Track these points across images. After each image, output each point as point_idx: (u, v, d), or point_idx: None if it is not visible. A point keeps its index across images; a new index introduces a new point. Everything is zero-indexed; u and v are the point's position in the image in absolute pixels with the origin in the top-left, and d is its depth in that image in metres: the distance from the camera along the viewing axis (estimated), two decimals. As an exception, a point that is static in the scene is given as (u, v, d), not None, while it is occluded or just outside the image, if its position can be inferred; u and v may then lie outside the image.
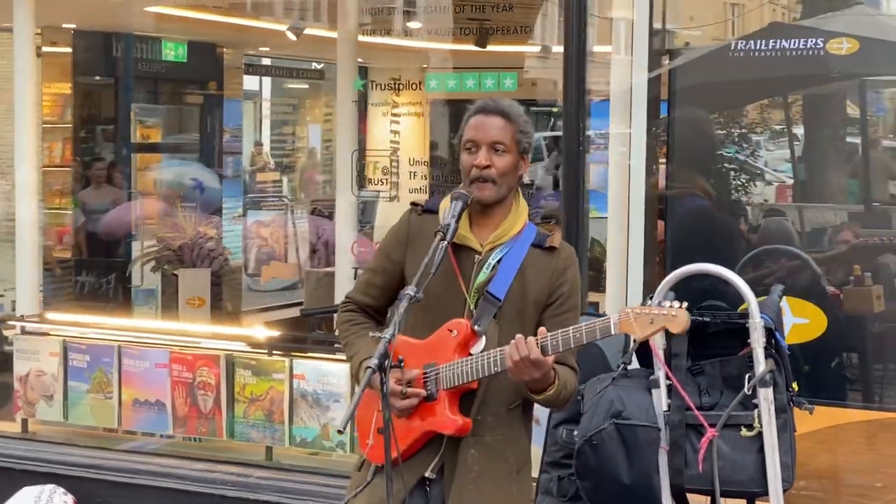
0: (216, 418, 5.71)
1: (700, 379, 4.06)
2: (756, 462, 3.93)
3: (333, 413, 5.47)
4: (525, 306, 3.41)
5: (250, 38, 10.53)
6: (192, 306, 8.14)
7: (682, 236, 5.01)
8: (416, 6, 8.27)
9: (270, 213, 13.98)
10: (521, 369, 3.23)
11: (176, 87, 10.66)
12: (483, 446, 3.41)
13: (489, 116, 3.38)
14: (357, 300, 3.63)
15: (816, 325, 4.65)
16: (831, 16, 5.17)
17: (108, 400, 5.97)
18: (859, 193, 5.63)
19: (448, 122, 12.51)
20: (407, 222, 3.54)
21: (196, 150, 10.57)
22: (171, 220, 8.53)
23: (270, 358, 5.67)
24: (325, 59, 12.49)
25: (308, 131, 16.52)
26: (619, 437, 3.96)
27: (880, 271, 5.02)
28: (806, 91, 5.67)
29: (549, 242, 3.44)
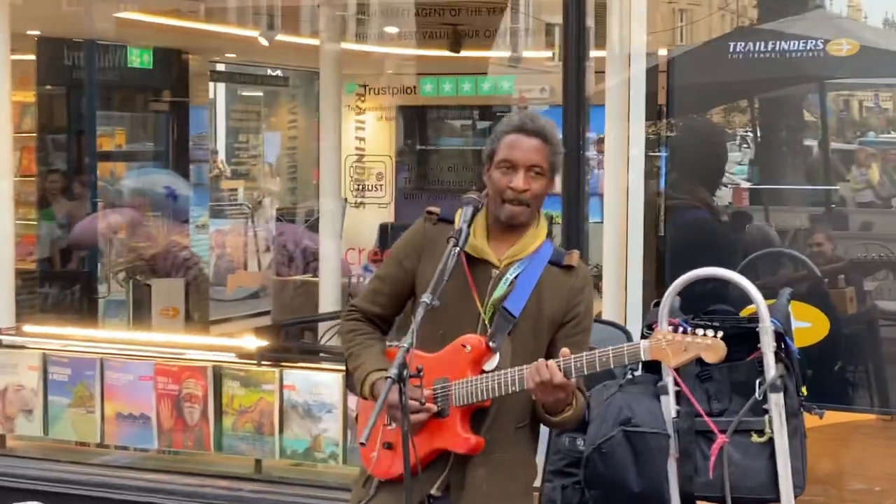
0: (203, 431, 5.59)
1: (708, 385, 4.02)
2: (767, 468, 3.89)
3: (325, 424, 5.38)
4: (540, 324, 3.36)
5: (216, 44, 10.42)
6: (166, 317, 8.02)
7: (681, 247, 4.97)
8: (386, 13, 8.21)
9: (230, 221, 13.86)
10: (545, 391, 3.19)
11: (141, 94, 10.51)
12: (492, 465, 3.34)
13: (528, 138, 3.31)
14: (363, 309, 3.54)
15: (819, 329, 4.62)
16: (791, 19, 5.15)
17: (90, 414, 5.84)
18: (816, 196, 5.60)
19: (416, 128, 12.48)
20: (422, 230, 3.47)
21: (162, 158, 10.44)
22: (142, 230, 8.38)
23: (259, 368, 5.56)
24: (293, 66, 12.37)
25: (262, 139, 16.39)
26: (628, 445, 3.91)
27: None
28: (765, 94, 5.64)
29: (566, 261, 3.40)
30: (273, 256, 10.00)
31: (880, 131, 6.58)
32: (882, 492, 5.22)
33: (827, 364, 4.56)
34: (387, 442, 3.36)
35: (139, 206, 8.90)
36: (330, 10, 7.18)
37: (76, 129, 9.57)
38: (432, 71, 10.66)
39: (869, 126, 6.85)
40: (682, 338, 3.14)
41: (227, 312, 10.27)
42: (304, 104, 14.51)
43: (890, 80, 5.60)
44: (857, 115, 6.99)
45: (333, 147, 6.55)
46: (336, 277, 6.64)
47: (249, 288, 11.52)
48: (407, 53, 9.84)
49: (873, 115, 6.90)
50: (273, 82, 14.16)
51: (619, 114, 4.92)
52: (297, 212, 13.42)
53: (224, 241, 12.71)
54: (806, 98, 5.64)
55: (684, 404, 3.96)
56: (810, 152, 5.86)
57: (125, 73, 9.81)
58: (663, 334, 3.16)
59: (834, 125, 5.79)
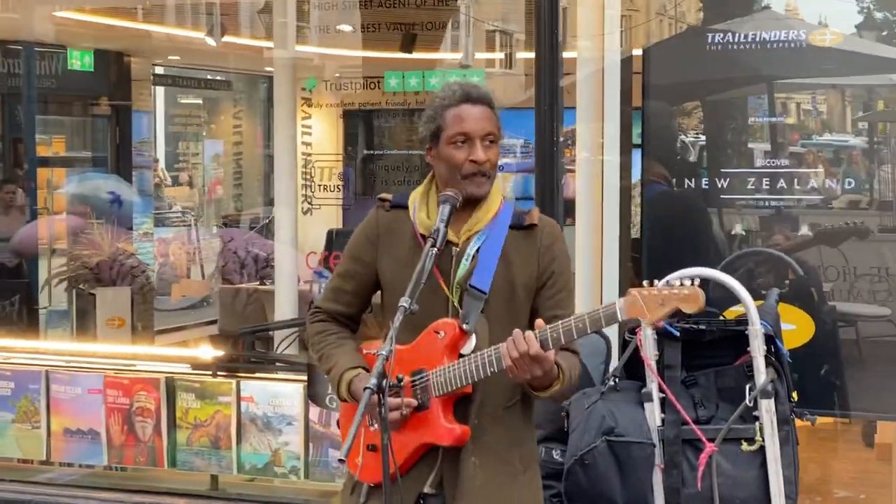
0: (156, 446, 5.34)
1: (694, 391, 3.88)
2: (758, 478, 3.76)
3: (286, 437, 5.16)
4: (514, 295, 3.15)
5: (159, 46, 10.18)
6: (112, 327, 7.74)
7: (655, 226, 4.81)
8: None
9: (173, 229, 13.62)
10: (522, 368, 2.96)
11: (81, 98, 10.24)
12: (484, 452, 3.13)
13: (476, 106, 3.13)
14: (327, 309, 3.33)
15: (804, 331, 4.48)
16: (739, 20, 5.05)
17: (35, 430, 5.57)
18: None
19: (362, 131, 12.30)
20: (375, 220, 3.26)
21: (104, 164, 10.17)
22: (86, 237, 8.08)
23: (215, 380, 5.31)
24: (239, 70, 12.16)
25: (203, 146, 16.17)
26: (611, 456, 3.78)
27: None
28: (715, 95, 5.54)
29: (528, 220, 3.19)
30: (218, 264, 9.74)
31: (817, 134, 6.53)
32: (867, 499, 5.14)
33: (812, 368, 4.42)
34: (370, 444, 3.14)
35: (82, 212, 8.60)
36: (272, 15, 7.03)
37: (14, 136, 9.28)
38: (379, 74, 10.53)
39: (806, 128, 6.80)
40: (657, 291, 2.92)
41: (172, 322, 10.02)
42: (249, 109, 14.29)
43: (840, 80, 5.51)
44: (796, 117, 6.93)
45: (289, 154, 6.33)
46: (292, 285, 6.40)
47: (193, 297, 11.27)
48: (354, 55, 9.69)
49: (810, 117, 6.85)
50: (217, 86, 13.92)
51: (590, 114, 4.79)
52: (242, 218, 13.22)
53: (167, 250, 12.44)
54: (752, 99, 5.54)
55: (669, 412, 3.81)
56: (759, 154, 5.75)
57: (65, 76, 9.53)
58: (637, 289, 2.94)
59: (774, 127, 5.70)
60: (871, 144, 5.59)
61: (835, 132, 6.12)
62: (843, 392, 4.79)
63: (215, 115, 15.66)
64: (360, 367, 3.18)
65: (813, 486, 5.23)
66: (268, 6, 9.28)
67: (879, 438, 5.72)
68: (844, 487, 5.53)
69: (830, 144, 6.07)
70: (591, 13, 4.89)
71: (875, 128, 5.66)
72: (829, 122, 6.36)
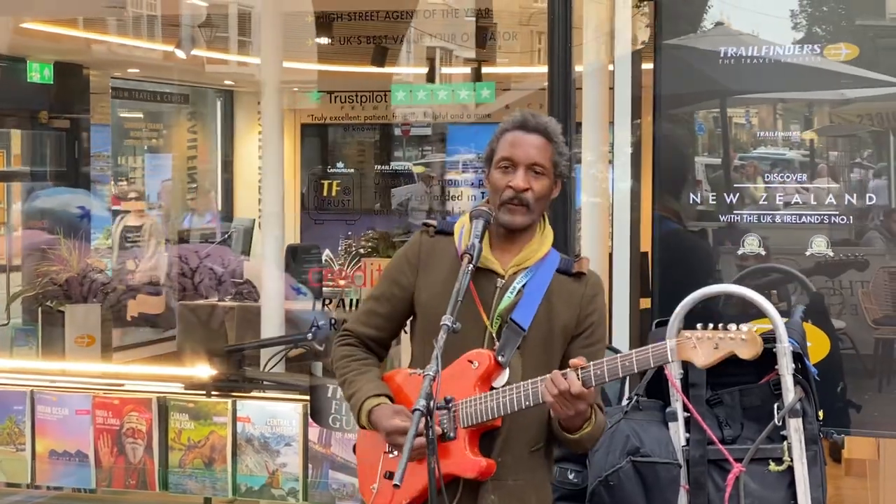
0: (147, 468, 5.19)
1: (718, 410, 3.83)
2: (785, 499, 3.73)
3: (284, 458, 5.04)
4: (551, 336, 3.13)
5: (118, 58, 10.05)
6: (82, 345, 7.57)
7: (665, 261, 4.77)
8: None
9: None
10: (565, 404, 2.93)
11: (39, 110, 10.04)
12: (505, 491, 3.09)
13: (529, 134, 3.12)
14: (357, 332, 3.29)
15: (819, 349, 4.45)
16: (694, 36, 5.06)
17: (20, 452, 5.39)
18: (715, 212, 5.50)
19: (320, 147, 12.21)
20: (418, 244, 3.24)
21: (63, 178, 9.96)
22: (53, 253, 7.90)
23: (210, 399, 5.17)
24: (197, 83, 12.03)
25: (144, 160, 15.97)
26: (637, 477, 3.72)
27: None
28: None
29: (576, 268, 3.19)
30: (177, 281, 9.56)
31: (749, 147, 6.57)
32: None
33: (829, 385, 4.38)
34: (388, 472, 3.09)
35: (46, 227, 8.41)
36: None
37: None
38: (339, 88, 10.48)
39: (739, 142, 6.85)
40: (712, 334, 2.90)
41: (128, 340, 9.82)
42: (204, 122, 14.11)
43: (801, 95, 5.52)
44: (731, 130, 6.98)
45: (275, 167, 6.21)
46: (279, 303, 6.28)
47: (152, 314, 11.07)
48: (310, 68, 9.64)
49: (743, 131, 6.90)
50: (174, 100, 13.73)
51: (597, 125, 4.75)
52: (193, 234, 13.03)
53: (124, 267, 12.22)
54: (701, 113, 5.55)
55: (695, 431, 3.77)
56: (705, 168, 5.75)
57: (23, 88, 9.37)
58: (691, 332, 2.92)
59: (708, 142, 5.71)
60: (811, 158, 5.61)
61: (770, 146, 6.15)
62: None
63: (169, 129, 15.44)
64: (384, 394, 3.13)
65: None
66: (208, 20, 9.21)
67: (848, 454, 5.72)
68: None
69: (767, 158, 6.09)
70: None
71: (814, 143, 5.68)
72: (765, 136, 6.39)
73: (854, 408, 4.52)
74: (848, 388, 4.64)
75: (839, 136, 5.33)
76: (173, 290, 8.88)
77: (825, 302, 4.65)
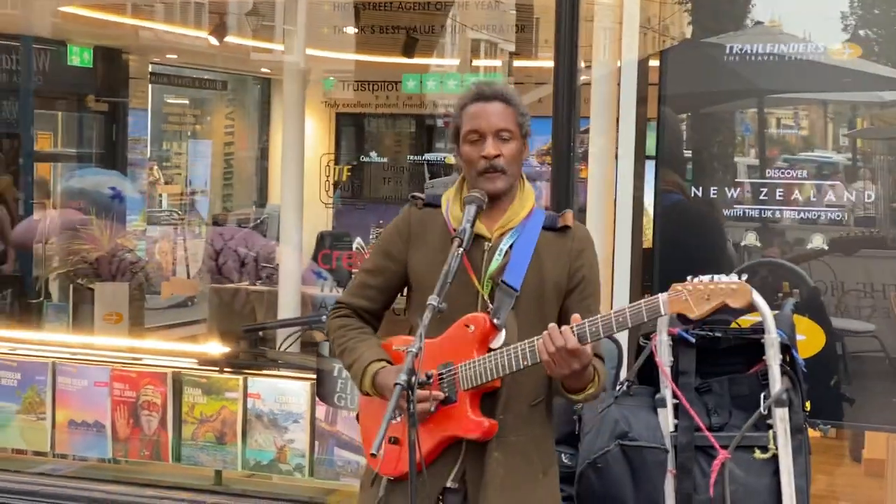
0: (161, 440, 5.34)
1: (707, 398, 3.89)
2: (770, 486, 3.77)
3: (292, 434, 5.16)
4: (543, 294, 3.17)
5: (158, 44, 10.19)
6: (110, 322, 7.71)
7: (668, 236, 4.83)
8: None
9: (159, 227, 13.58)
10: (559, 362, 2.97)
11: (78, 94, 10.20)
12: (507, 448, 3.15)
13: (489, 103, 3.16)
14: (350, 304, 3.33)
15: (814, 342, 4.51)
16: (733, 34, 5.10)
17: (40, 421, 5.55)
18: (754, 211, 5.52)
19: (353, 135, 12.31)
20: (408, 217, 3.28)
21: (100, 161, 10.12)
22: (85, 232, 8.05)
23: (222, 375, 5.32)
24: (235, 70, 12.16)
25: (187, 146, 16.15)
26: (625, 460, 3.78)
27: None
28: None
29: (561, 222, 3.22)
30: (208, 262, 9.72)
31: (798, 150, 6.56)
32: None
33: (822, 379, 4.45)
34: (393, 437, 3.14)
35: (82, 207, 8.57)
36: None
37: (10, 130, 9.25)
38: (373, 77, 10.56)
39: (786, 144, 6.83)
40: (703, 285, 2.90)
41: (160, 320, 9.99)
42: (242, 109, 14.28)
43: (834, 96, 5.55)
44: (776, 132, 6.97)
45: (296, 154, 6.32)
46: (296, 285, 6.40)
47: (180, 296, 11.23)
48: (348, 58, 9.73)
49: (790, 133, 6.88)
50: (212, 86, 13.90)
51: (604, 123, 4.82)
52: (230, 218, 13.19)
53: (154, 248, 12.41)
54: (742, 112, 5.59)
55: (683, 418, 3.83)
56: (745, 169, 5.79)
57: (63, 72, 9.50)
58: (682, 284, 2.93)
59: (755, 142, 5.74)
60: (853, 161, 5.63)
61: (817, 148, 6.17)
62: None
63: (209, 115, 15.64)
64: (385, 360, 3.18)
65: (817, 496, 5.26)
66: (255, 9, 9.33)
67: (867, 454, 5.76)
68: (839, 501, 5.57)
69: (813, 161, 6.11)
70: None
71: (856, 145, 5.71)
72: (812, 138, 6.41)
73: (847, 401, 4.57)
74: (874, 389, 4.70)
75: (879, 140, 5.37)
76: (203, 272, 9.04)
77: (821, 297, 4.71)
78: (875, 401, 4.85)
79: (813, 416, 3.98)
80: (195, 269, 11.61)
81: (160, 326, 9.69)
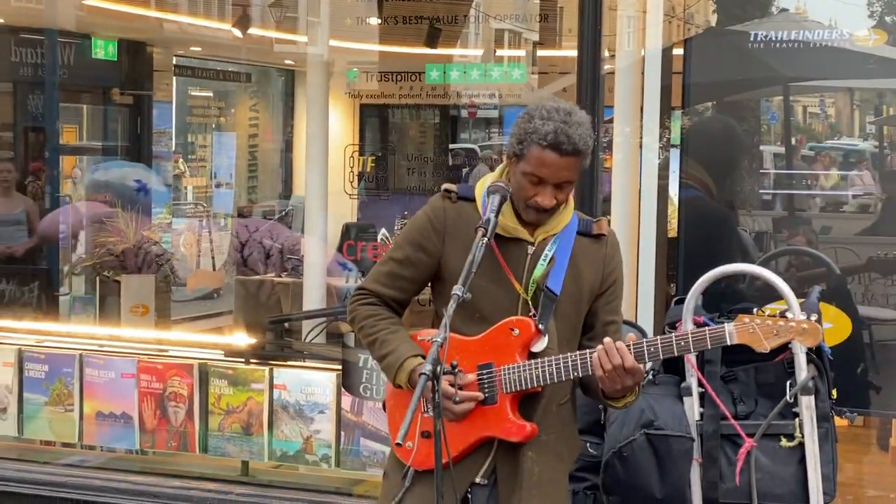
0: (188, 431, 5.37)
1: (733, 386, 3.90)
2: (796, 474, 3.78)
3: (318, 425, 5.18)
4: (580, 299, 3.19)
5: (182, 37, 10.22)
6: (136, 314, 7.75)
7: (689, 229, 4.84)
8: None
9: (184, 220, 13.62)
10: (615, 378, 3.00)
11: (103, 87, 10.24)
12: (540, 447, 3.17)
13: (563, 157, 3.05)
14: (378, 292, 3.28)
15: (841, 330, 4.50)
16: (758, 22, 5.08)
17: (68, 413, 5.59)
18: (774, 200, 5.51)
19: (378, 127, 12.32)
20: (443, 211, 3.22)
21: (125, 153, 10.16)
22: (111, 224, 8.09)
23: (248, 367, 5.34)
24: (259, 62, 12.18)
25: (211, 138, 16.20)
26: (650, 449, 3.79)
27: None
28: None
29: (596, 230, 3.22)
30: (234, 254, 9.75)
31: (824, 137, 6.53)
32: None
33: (849, 367, 4.44)
34: (424, 431, 3.11)
35: (108, 200, 8.61)
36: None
37: (37, 123, 9.29)
38: (397, 68, 10.56)
39: (812, 131, 6.80)
40: (773, 321, 2.95)
41: (186, 312, 10.04)
42: (266, 101, 14.31)
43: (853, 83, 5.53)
44: (802, 120, 6.94)
45: (320, 145, 6.34)
46: (321, 276, 6.42)
47: (206, 287, 11.28)
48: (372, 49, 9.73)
49: (817, 120, 6.85)
50: (236, 79, 13.93)
51: (628, 112, 4.82)
52: (255, 210, 13.23)
53: (179, 241, 12.47)
54: (768, 101, 5.57)
55: (708, 406, 3.84)
56: (771, 156, 5.77)
57: (88, 65, 9.54)
58: (751, 317, 2.96)
59: (780, 130, 5.71)
60: (879, 148, 5.61)
61: (844, 136, 6.14)
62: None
63: (234, 107, 15.67)
64: (421, 355, 3.14)
65: (844, 484, 5.25)
66: (278, 0, 9.34)
67: (895, 442, 5.74)
68: (866, 489, 5.55)
69: (840, 148, 6.09)
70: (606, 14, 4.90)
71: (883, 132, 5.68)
72: (837, 125, 6.38)
73: (874, 389, 4.56)
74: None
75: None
76: (230, 264, 9.07)
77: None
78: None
79: (839, 404, 3.96)
80: (221, 262, 11.69)
81: (186, 318, 9.73)
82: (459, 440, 3.10)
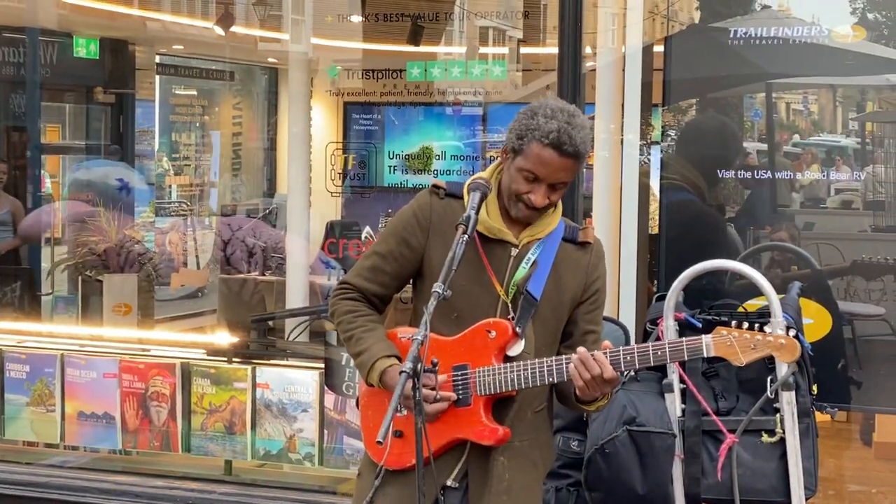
0: (171, 431, 5.36)
1: (714, 382, 3.91)
2: (777, 469, 3.79)
3: (301, 424, 5.17)
4: (560, 305, 3.17)
5: (165, 35, 10.20)
6: (118, 314, 7.71)
7: (673, 231, 4.85)
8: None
9: (172, 219, 13.59)
10: (593, 387, 3.01)
11: (87, 86, 10.20)
12: (512, 452, 3.15)
13: (563, 158, 3.04)
14: (360, 287, 3.25)
15: (821, 326, 4.52)
16: (740, 19, 5.09)
17: (50, 413, 5.57)
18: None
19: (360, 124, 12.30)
20: (429, 206, 3.19)
21: (108, 152, 10.13)
22: (93, 223, 8.05)
23: (231, 366, 5.33)
24: (242, 60, 12.14)
25: (195, 137, 16.17)
26: (633, 445, 3.80)
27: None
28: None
29: (582, 237, 3.21)
30: (217, 253, 9.72)
31: (807, 134, 6.54)
32: (878, 493, 5.17)
33: (829, 362, 4.46)
34: (397, 430, 3.11)
35: (90, 199, 8.58)
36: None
37: (19, 123, 9.25)
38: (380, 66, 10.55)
39: (796, 129, 6.81)
40: (750, 335, 2.94)
41: (170, 311, 10.00)
42: (249, 99, 14.26)
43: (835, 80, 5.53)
44: (786, 117, 6.95)
45: (303, 143, 6.33)
46: (303, 275, 6.41)
47: (190, 287, 11.24)
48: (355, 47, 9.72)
49: (800, 117, 6.87)
50: (219, 77, 13.88)
51: (610, 110, 4.83)
52: (239, 209, 13.20)
53: (164, 240, 12.42)
54: (751, 97, 5.57)
55: (690, 403, 3.85)
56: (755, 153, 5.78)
57: (70, 64, 9.50)
58: (728, 330, 2.96)
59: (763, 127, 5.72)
60: (862, 145, 5.62)
61: (826, 132, 6.15)
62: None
63: (216, 106, 15.63)
64: (394, 356, 3.14)
65: (826, 479, 5.27)
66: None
67: (878, 437, 5.77)
68: (848, 484, 5.57)
69: (822, 145, 6.10)
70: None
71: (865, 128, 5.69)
72: (820, 122, 6.39)
73: (855, 384, 4.58)
74: (885, 373, 4.70)
75: (888, 123, 5.36)
76: (214, 263, 9.05)
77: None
78: (885, 384, 4.87)
79: (820, 400, 3.98)
80: (205, 260, 11.65)
81: (170, 318, 9.70)
82: (432, 441, 3.03)
